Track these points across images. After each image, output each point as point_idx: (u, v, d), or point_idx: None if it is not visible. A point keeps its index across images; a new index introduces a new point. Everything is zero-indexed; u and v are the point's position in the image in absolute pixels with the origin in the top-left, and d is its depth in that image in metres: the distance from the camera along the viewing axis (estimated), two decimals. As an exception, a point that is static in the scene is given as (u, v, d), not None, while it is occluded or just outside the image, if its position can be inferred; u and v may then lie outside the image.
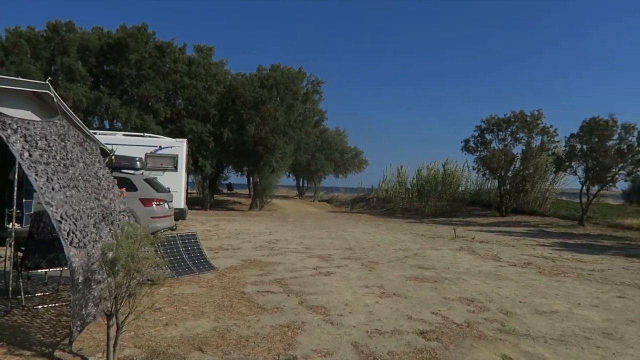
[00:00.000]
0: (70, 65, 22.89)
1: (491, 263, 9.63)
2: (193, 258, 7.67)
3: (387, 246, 12.01)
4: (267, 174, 28.22)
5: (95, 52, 24.11)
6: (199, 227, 15.27)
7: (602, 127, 19.64)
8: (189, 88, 24.60)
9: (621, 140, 19.41)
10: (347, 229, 17.09)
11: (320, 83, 31.58)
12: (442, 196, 30.54)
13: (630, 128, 19.22)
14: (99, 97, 23.05)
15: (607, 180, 19.98)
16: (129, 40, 23.73)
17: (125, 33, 24.06)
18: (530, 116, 24.38)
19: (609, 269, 9.29)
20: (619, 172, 19.68)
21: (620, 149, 19.30)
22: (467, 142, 26.03)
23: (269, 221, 20.29)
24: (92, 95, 23.00)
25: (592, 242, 14.61)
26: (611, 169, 19.68)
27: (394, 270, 8.31)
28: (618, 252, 12.29)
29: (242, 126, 25.98)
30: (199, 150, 25.39)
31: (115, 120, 24.14)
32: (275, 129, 26.06)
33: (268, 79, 26.73)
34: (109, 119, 24.49)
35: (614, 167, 19.58)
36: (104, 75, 24.88)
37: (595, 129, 19.82)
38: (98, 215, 4.94)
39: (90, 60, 23.98)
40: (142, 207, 10.23)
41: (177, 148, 14.97)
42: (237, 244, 11.40)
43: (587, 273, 8.74)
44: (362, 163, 48.62)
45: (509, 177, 25.49)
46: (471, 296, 6.49)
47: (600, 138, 19.66)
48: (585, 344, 4.74)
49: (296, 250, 10.65)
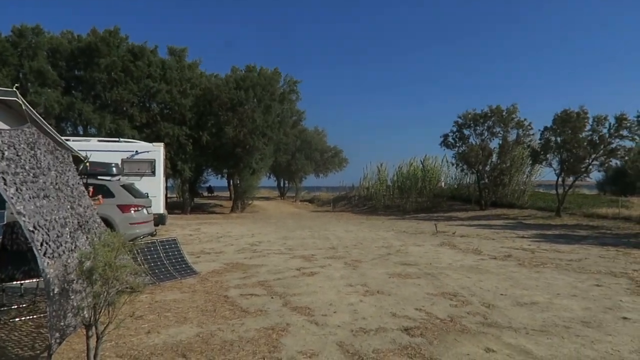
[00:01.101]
0: (40, 69, 22.32)
1: (472, 257, 9.76)
2: (174, 263, 7.57)
3: (369, 244, 12.06)
4: (248, 175, 28.07)
5: (65, 56, 23.58)
6: (180, 232, 15.07)
7: (574, 119, 20.12)
8: (162, 93, 24.28)
9: (593, 132, 19.93)
10: (330, 228, 17.10)
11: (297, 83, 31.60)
12: (423, 192, 30.86)
13: (602, 119, 19.74)
14: (72, 103, 22.55)
15: (581, 171, 20.50)
16: (100, 44, 23.28)
17: (96, 37, 23.60)
18: (505, 111, 24.83)
19: (586, 259, 9.53)
20: (592, 162, 20.20)
21: (593, 140, 19.82)
22: (445, 138, 26.36)
23: (251, 223, 20.16)
24: (64, 100, 22.50)
25: (569, 232, 14.96)
26: (585, 160, 20.20)
27: (377, 268, 8.35)
28: (594, 241, 12.61)
29: (220, 128, 25.77)
30: (177, 154, 25.09)
31: (89, 126, 23.66)
32: (254, 130, 25.93)
33: (244, 81, 26.58)
34: (83, 125, 23.99)
35: (587, 158, 20.10)
36: (76, 80, 24.36)
37: (567, 122, 20.30)
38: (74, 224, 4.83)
39: (60, 64, 23.45)
40: (120, 214, 10.06)
41: (154, 152, 14.77)
42: (219, 247, 11.29)
43: (565, 263, 8.94)
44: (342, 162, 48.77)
45: (487, 171, 25.91)
46: (454, 291, 6.57)
47: (573, 130, 20.15)
48: (566, 333, 4.84)
49: (279, 251, 10.60)
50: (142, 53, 24.64)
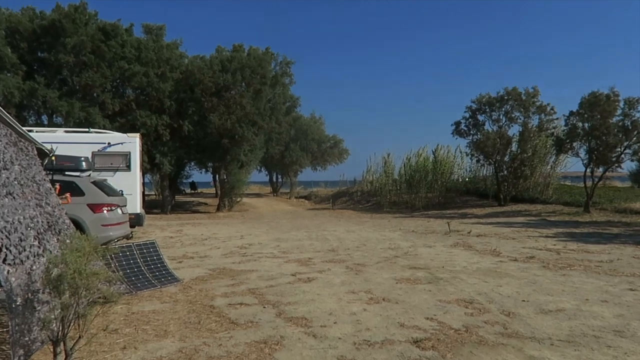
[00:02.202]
0: (-4, 51, 22.17)
1: (490, 259, 9.79)
2: (153, 270, 7.57)
3: (374, 245, 12.09)
4: (235, 169, 28.05)
5: (26, 36, 23.41)
6: (159, 234, 15.08)
7: (603, 103, 20.10)
8: (138, 77, 24.17)
9: (625, 117, 19.92)
10: (329, 228, 17.13)
11: (290, 64, 31.50)
12: (434, 186, 30.90)
13: (634, 102, 19.73)
14: (34, 89, 22.42)
15: (612, 161, 20.51)
16: (66, 22, 23.12)
17: (61, 14, 23.43)
18: (524, 93, 24.80)
19: (619, 259, 9.56)
20: (624, 151, 20.21)
21: (625, 125, 19.82)
22: (457, 125, 26.34)
23: (240, 223, 20.16)
24: (25, 86, 22.36)
25: (599, 230, 15.01)
26: (616, 148, 20.21)
27: (383, 272, 8.37)
28: (627, 239, 12.66)
29: (204, 117, 25.70)
30: (156, 146, 25.03)
31: (55, 114, 23.55)
32: (242, 118, 25.88)
33: (231, 62, 26.48)
34: (47, 114, 23.87)
35: (619, 146, 20.11)
36: (39, 63, 24.21)
37: (595, 105, 20.27)
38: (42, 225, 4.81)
39: (21, 45, 23.29)
40: (91, 214, 10.05)
41: (129, 144, 14.76)
42: (204, 251, 11.32)
43: (594, 265, 8.98)
44: (343, 153, 48.75)
45: (506, 162, 25.94)
46: (469, 297, 6.59)
47: (602, 115, 20.13)
48: (595, 343, 4.86)
49: (272, 255, 10.63)
50: (114, 32, 24.49)
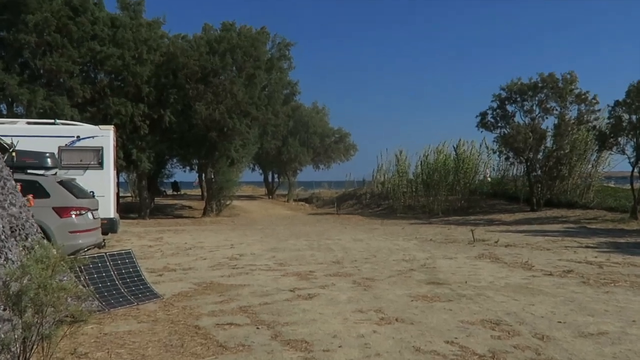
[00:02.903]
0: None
1: (521, 273, 9.78)
2: (129, 284, 7.59)
3: (386, 257, 12.09)
4: (225, 167, 28.03)
5: (-19, 12, 23.46)
6: (137, 242, 15.09)
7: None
8: (112, 59, 24.20)
9: (681, 107, 19.87)
10: (333, 236, 17.13)
11: (289, 46, 31.50)
12: (455, 188, 30.85)
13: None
14: (-9, 74, 22.47)
15: (664, 160, 20.47)
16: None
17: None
18: (561, 80, 24.74)
19: (670, 274, 9.53)
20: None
21: (680, 118, 19.78)
22: (483, 117, 26.31)
23: (230, 230, 20.16)
24: (-20, 70, 22.41)
25: (647, 239, 14.97)
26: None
27: (396, 288, 8.37)
28: (680, 251, 12.61)
29: (188, 106, 25.70)
30: (132, 140, 25.04)
31: (15, 103, 23.59)
32: (233, 107, 25.87)
33: (220, 42, 26.48)
34: (6, 103, 23.90)
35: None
36: (-4, 44, 24.26)
37: (646, 94, 20.23)
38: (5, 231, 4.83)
39: (-25, 24, 23.34)
40: (57, 219, 10.06)
41: (101, 138, 14.78)
42: (188, 262, 11.32)
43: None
44: (350, 148, 48.68)
45: (540, 160, 25.89)
46: (496, 317, 6.58)
47: (654, 105, 20.09)
48: (643, 371, 4.85)
49: (267, 267, 10.63)
50: (84, 7, 24.50)
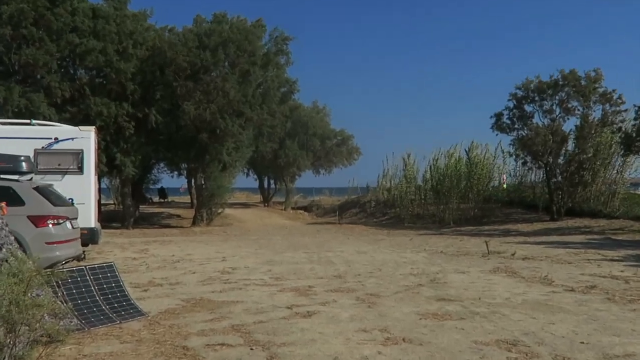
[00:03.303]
0: None
1: (539, 289, 9.75)
2: (111, 300, 7.57)
3: (392, 271, 12.07)
4: (216, 172, 28.04)
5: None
6: (120, 255, 15.06)
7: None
8: (93, 54, 24.23)
9: None
10: (335, 248, 17.11)
11: (287, 40, 31.51)
12: (468, 195, 30.84)
13: None
14: (-39, 69, 22.52)
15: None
16: (0, -16, 23.19)
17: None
18: (584, 77, 24.75)
19: (703, 290, 9.50)
20: None
21: None
22: (499, 117, 26.34)
23: (222, 241, 20.12)
24: (-50, 66, 22.46)
25: (678, 252, 14.94)
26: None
27: (403, 306, 8.34)
28: None
29: (177, 105, 25.72)
30: (116, 142, 25.05)
31: (-12, 102, 23.62)
32: (225, 107, 25.90)
33: (211, 36, 26.51)
34: (-21, 101, 23.93)
35: None
36: (-33, 37, 24.29)
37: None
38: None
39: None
40: (32, 229, 10.03)
41: (81, 140, 14.75)
42: (176, 276, 11.30)
43: (673, 296, 8.92)
44: (353, 152, 48.70)
45: (560, 165, 25.88)
46: (513, 337, 6.56)
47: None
48: (675, 397, 4.82)
49: (262, 282, 10.60)
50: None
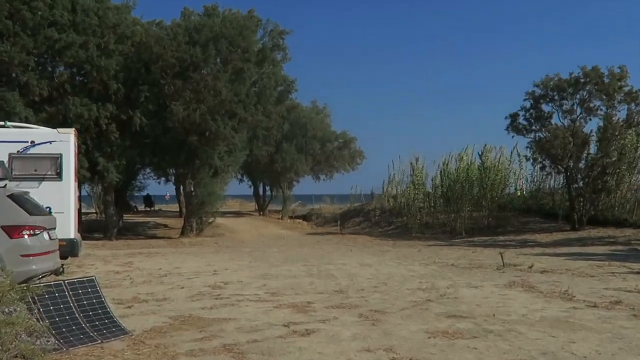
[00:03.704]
0: None
1: (559, 304, 9.74)
2: (92, 318, 7.56)
3: (398, 285, 12.06)
4: (207, 178, 28.02)
5: None
6: (102, 268, 15.06)
7: None
8: (73, 49, 24.25)
9: None
10: (336, 260, 17.10)
11: (284, 34, 31.57)
12: (481, 203, 30.80)
13: None
14: None
15: None
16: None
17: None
18: (608, 74, 24.78)
19: None
20: None
21: None
22: (514, 118, 26.33)
23: (213, 253, 20.10)
24: None
25: None
26: None
27: (411, 323, 8.32)
28: None
29: (164, 106, 25.73)
30: (97, 146, 25.04)
31: (-41, 102, 23.63)
32: (216, 107, 25.90)
33: (201, 30, 26.53)
34: (-51, 101, 23.95)
35: None
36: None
37: None
38: None
39: None
40: (6, 240, 10.01)
41: (60, 144, 14.74)
42: (163, 291, 11.29)
43: None
44: (356, 156, 48.70)
45: (582, 169, 25.86)
46: (530, 358, 6.55)
47: None
48: None
49: (256, 297, 10.59)
50: (41, -12, 24.61)
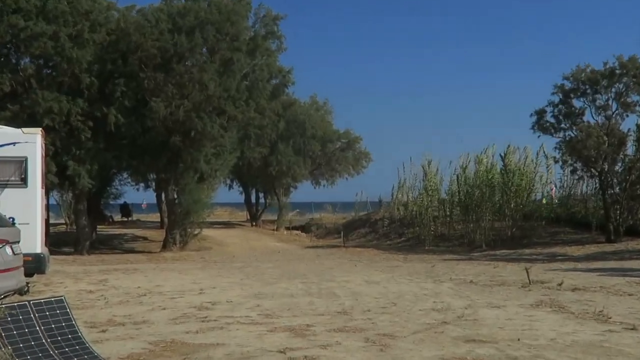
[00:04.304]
0: None
1: (593, 327, 9.70)
2: (60, 343, 7.54)
3: (410, 305, 12.02)
4: (192, 184, 27.99)
5: None
6: (72, 287, 15.01)
7: None
8: (42, 39, 24.29)
9: None
10: (339, 277, 17.07)
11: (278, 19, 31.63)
12: (504, 211, 30.78)
13: None
14: None
15: None
16: None
17: None
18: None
19: None
20: None
21: None
22: (541, 115, 26.35)
23: (199, 269, 20.06)
24: None
25: None
26: None
27: (424, 348, 8.30)
28: None
29: (143, 102, 25.73)
30: (67, 148, 25.02)
31: None
32: (203, 103, 25.89)
33: (185, 16, 26.50)
34: None
35: None
36: None
37: None
38: None
39: None
40: (-36, 256, 10.03)
41: (25, 145, 14.75)
42: (142, 313, 11.26)
43: None
44: (361, 158, 48.58)
45: (618, 173, 25.86)
46: (561, 388, 6.53)
47: None
48: None
49: (248, 319, 10.55)
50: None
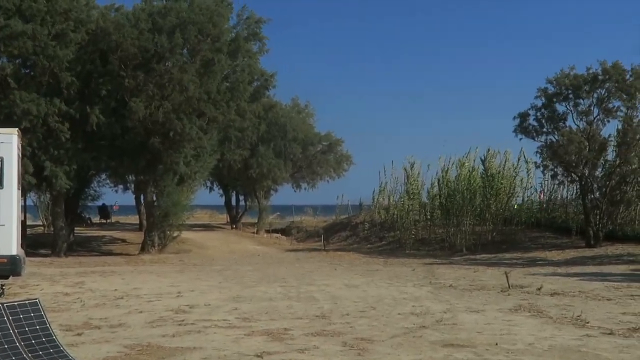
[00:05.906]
0: None
1: (571, 331, 9.75)
2: (34, 347, 7.50)
3: (389, 309, 12.05)
4: (171, 186, 27.92)
5: None
6: (48, 289, 14.94)
7: None
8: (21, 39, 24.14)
9: None
10: (318, 281, 17.10)
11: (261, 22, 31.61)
12: (484, 215, 30.90)
13: None
14: None
15: None
16: None
17: None
18: (630, 71, 24.95)
19: None
20: None
21: None
22: (523, 119, 26.46)
23: (177, 272, 20.00)
24: None
25: None
26: None
27: (402, 353, 8.31)
28: None
29: (122, 102, 25.63)
30: (45, 149, 24.89)
31: None
32: (183, 104, 25.83)
33: (166, 16, 26.44)
34: None
35: None
36: None
37: None
38: None
39: None
40: (-64, 258, 9.97)
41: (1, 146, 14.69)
42: (118, 316, 11.22)
43: None
44: (343, 161, 48.57)
45: (599, 178, 26.00)
46: (537, 392, 6.57)
47: None
48: None
49: (226, 323, 10.55)
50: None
